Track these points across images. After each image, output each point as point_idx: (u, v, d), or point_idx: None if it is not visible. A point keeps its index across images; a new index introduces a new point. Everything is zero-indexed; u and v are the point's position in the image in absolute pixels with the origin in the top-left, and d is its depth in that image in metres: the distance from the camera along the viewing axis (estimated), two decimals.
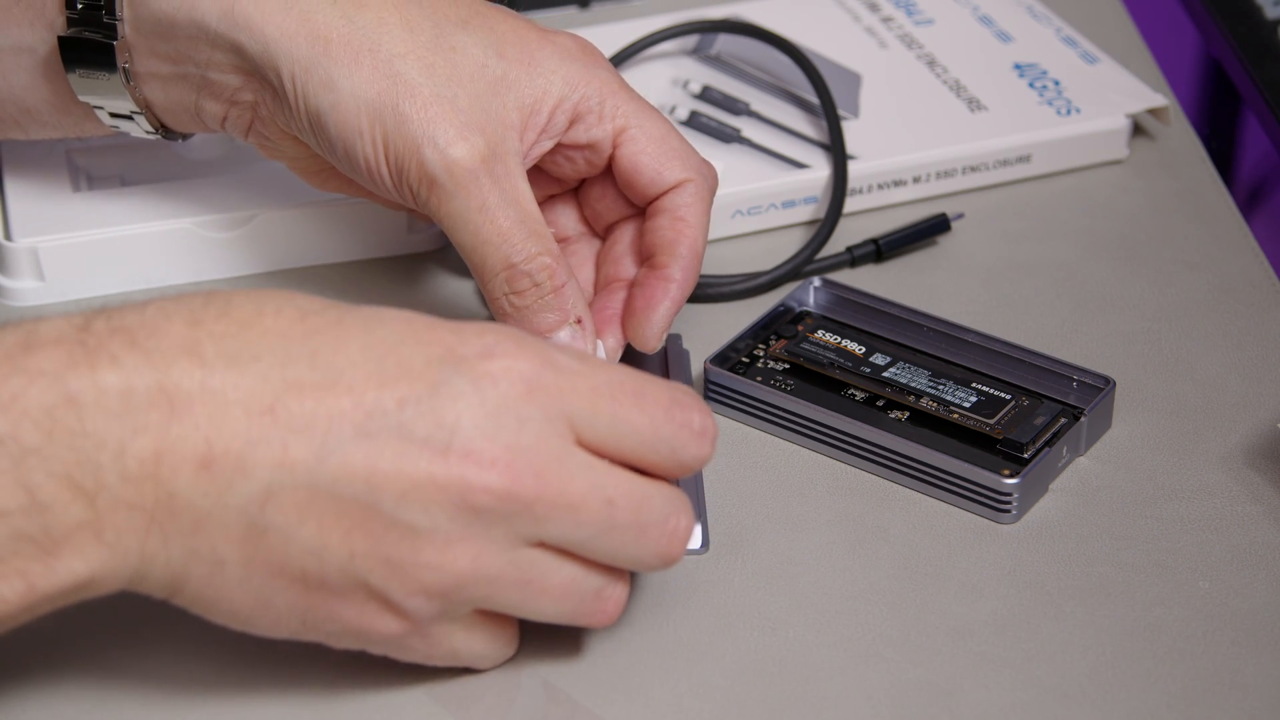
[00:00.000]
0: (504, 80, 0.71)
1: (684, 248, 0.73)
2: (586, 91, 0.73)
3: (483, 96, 0.71)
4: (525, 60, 0.72)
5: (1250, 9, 0.96)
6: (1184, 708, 0.63)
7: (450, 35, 0.71)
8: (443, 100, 0.70)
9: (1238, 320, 0.79)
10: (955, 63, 0.92)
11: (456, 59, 0.71)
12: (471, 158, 0.70)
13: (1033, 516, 0.70)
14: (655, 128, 0.74)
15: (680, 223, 0.73)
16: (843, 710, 0.63)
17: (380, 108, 0.70)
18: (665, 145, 0.74)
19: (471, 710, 0.63)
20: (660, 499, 0.61)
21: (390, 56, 0.70)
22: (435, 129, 0.70)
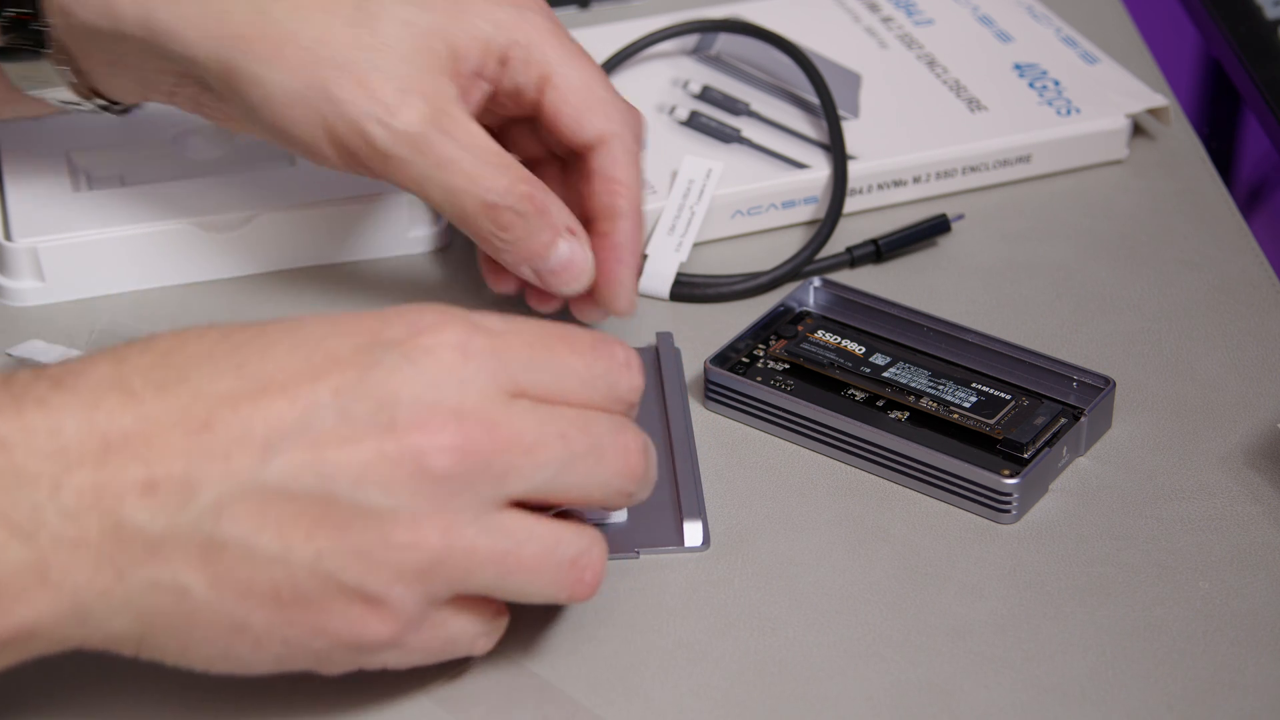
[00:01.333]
0: (431, 31, 0.71)
1: (623, 208, 0.73)
2: (514, 36, 0.72)
3: (413, 55, 0.70)
4: (451, 7, 0.71)
5: (1250, 9, 0.96)
6: (1184, 708, 0.63)
7: (370, 2, 0.71)
8: (373, 74, 0.70)
9: (1238, 320, 0.79)
10: (955, 63, 0.92)
11: (379, 25, 0.70)
12: (416, 122, 0.70)
13: (1033, 516, 0.70)
14: (580, 77, 0.73)
15: (613, 183, 0.73)
16: (843, 710, 0.63)
17: (311, 97, 0.70)
18: (588, 96, 0.73)
19: (471, 711, 0.63)
20: (607, 421, 0.61)
21: (311, 43, 0.70)
22: (372, 106, 0.70)
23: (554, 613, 0.66)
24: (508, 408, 0.59)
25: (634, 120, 0.74)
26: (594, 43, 0.92)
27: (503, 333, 0.60)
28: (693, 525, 0.69)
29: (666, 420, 0.73)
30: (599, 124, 0.73)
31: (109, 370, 0.58)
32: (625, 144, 0.73)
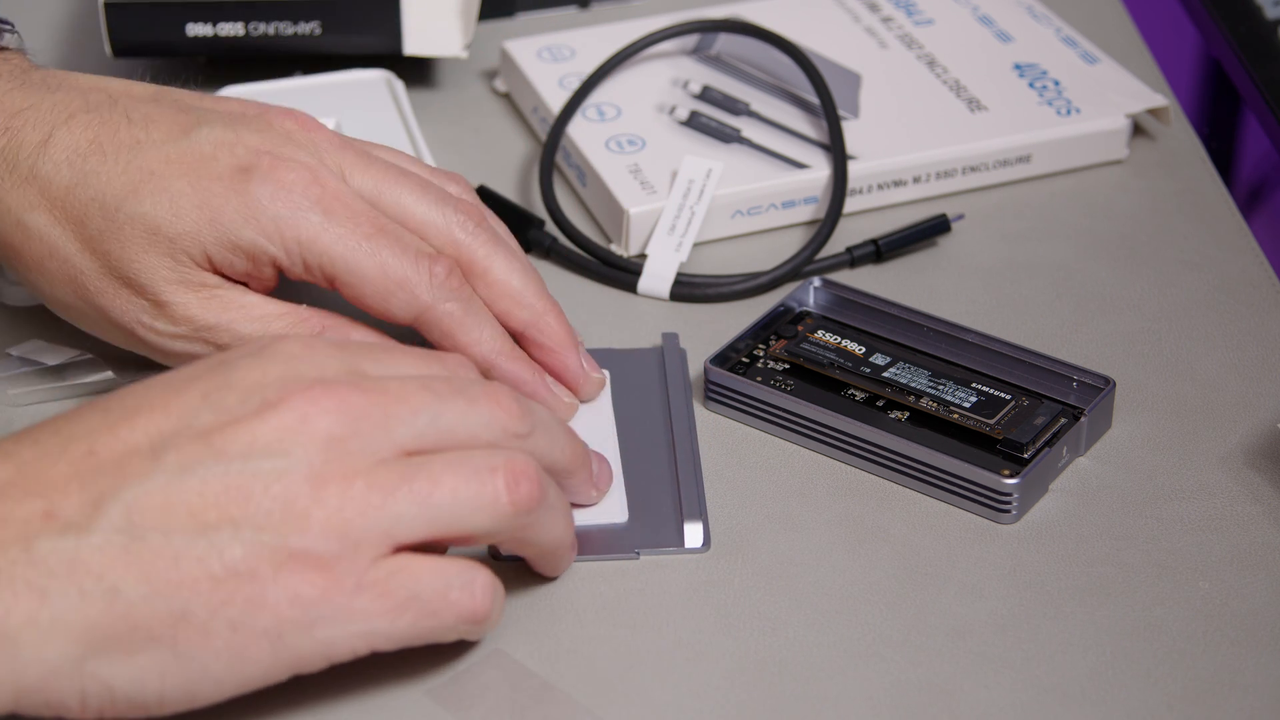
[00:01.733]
0: (181, 238, 0.69)
1: (481, 364, 0.71)
2: (280, 246, 0.69)
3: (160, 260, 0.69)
4: (207, 218, 0.69)
5: (1250, 9, 0.96)
6: (1184, 708, 0.63)
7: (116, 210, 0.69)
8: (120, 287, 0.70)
9: (1238, 320, 0.79)
10: (955, 63, 0.92)
11: (124, 235, 0.69)
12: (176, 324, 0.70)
13: (1033, 516, 0.70)
14: (366, 267, 0.69)
15: (459, 348, 0.71)
16: (843, 710, 0.63)
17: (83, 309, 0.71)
18: (384, 283, 0.69)
19: (471, 710, 0.63)
20: (456, 367, 0.64)
21: (67, 255, 0.70)
22: (136, 310, 0.70)
23: (554, 613, 0.66)
24: (367, 375, 0.62)
25: (442, 277, 0.70)
26: (594, 43, 0.92)
27: (343, 340, 0.64)
28: (693, 526, 0.69)
29: (669, 421, 0.73)
30: (405, 309, 0.70)
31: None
32: (441, 314, 0.70)
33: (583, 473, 0.67)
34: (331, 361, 0.61)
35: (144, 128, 0.70)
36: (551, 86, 0.90)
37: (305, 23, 0.91)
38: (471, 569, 0.61)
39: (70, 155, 0.70)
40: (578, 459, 0.66)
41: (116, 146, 0.70)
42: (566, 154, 0.87)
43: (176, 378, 0.61)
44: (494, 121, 0.92)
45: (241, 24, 0.91)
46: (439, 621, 0.61)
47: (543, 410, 0.64)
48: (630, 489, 0.70)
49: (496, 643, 0.65)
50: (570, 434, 0.66)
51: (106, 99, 0.71)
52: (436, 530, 0.60)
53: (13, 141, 0.70)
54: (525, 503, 0.61)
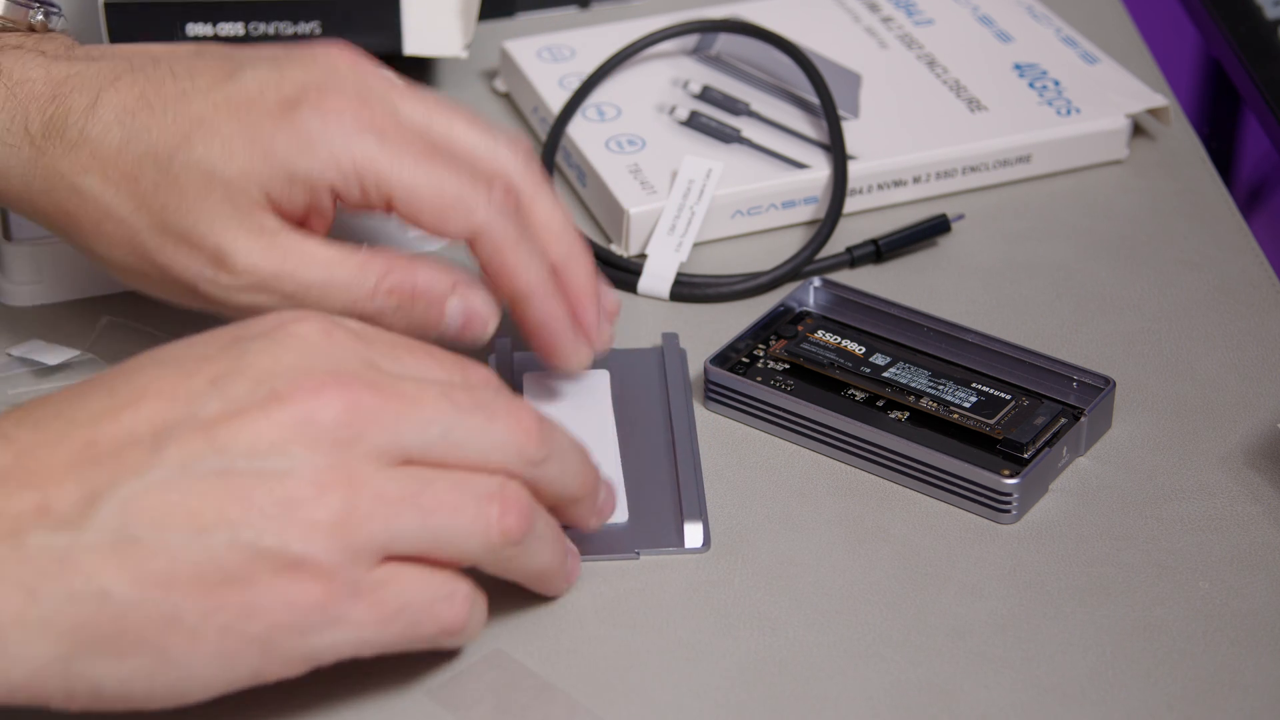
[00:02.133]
0: (238, 179, 0.68)
1: (523, 290, 0.69)
2: (337, 173, 0.68)
3: (219, 206, 0.68)
4: (260, 148, 0.68)
5: (1250, 9, 0.96)
6: (1184, 708, 0.63)
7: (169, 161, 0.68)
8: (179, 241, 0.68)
9: (1238, 320, 0.79)
10: (955, 63, 0.92)
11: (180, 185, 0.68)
12: (245, 269, 0.68)
13: (1033, 516, 0.70)
14: (425, 182, 0.68)
15: (500, 272, 0.69)
16: (843, 710, 0.63)
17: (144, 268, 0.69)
18: (438, 201, 0.68)
19: (471, 710, 0.63)
20: (481, 381, 0.62)
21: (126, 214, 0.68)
22: (198, 265, 0.68)
23: (554, 613, 0.66)
24: (383, 374, 0.60)
25: (500, 197, 0.69)
26: (594, 43, 0.92)
27: (364, 331, 0.62)
28: (693, 526, 0.69)
29: (670, 421, 0.73)
30: (459, 226, 0.68)
31: None
32: (496, 231, 0.69)
33: (589, 501, 0.66)
34: (348, 354, 0.60)
35: (189, 79, 0.69)
36: (551, 86, 0.90)
37: (305, 23, 0.91)
38: (454, 580, 0.61)
39: (118, 114, 0.69)
40: (587, 487, 0.65)
41: (163, 100, 0.69)
42: (566, 154, 0.87)
43: (188, 356, 0.60)
44: (494, 121, 0.92)
45: (241, 24, 0.90)
46: (421, 631, 0.60)
47: (562, 436, 0.63)
48: (630, 489, 0.70)
49: (496, 643, 0.65)
50: (584, 460, 0.65)
51: (150, 59, 0.70)
52: (431, 548, 0.60)
53: (61, 108, 0.69)
54: (513, 533, 0.61)
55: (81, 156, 0.69)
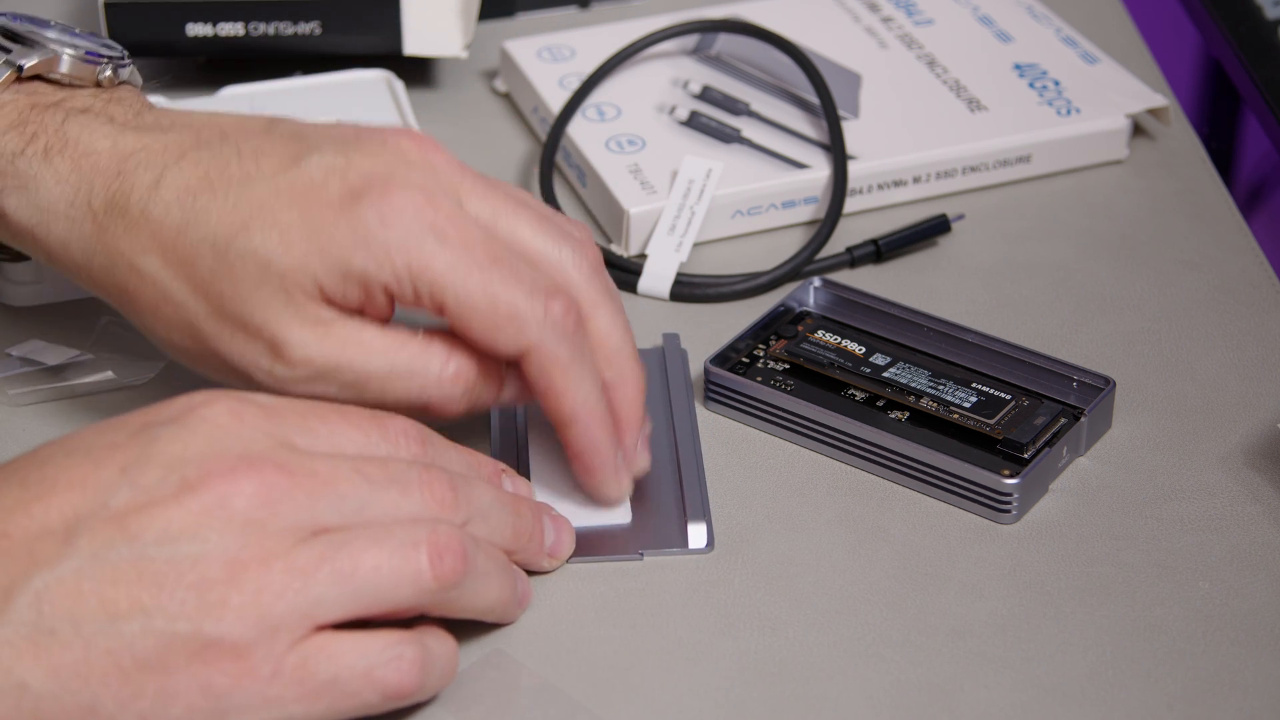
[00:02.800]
0: (292, 271, 0.66)
1: (567, 415, 0.67)
2: (391, 274, 0.65)
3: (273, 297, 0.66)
4: (317, 247, 0.65)
5: (1250, 9, 0.96)
6: (1184, 708, 0.63)
7: (226, 249, 0.66)
8: (235, 330, 0.66)
9: (1238, 320, 0.79)
10: (955, 63, 0.92)
11: (236, 274, 0.66)
12: (301, 359, 0.66)
13: (1033, 517, 0.70)
14: (480, 293, 0.65)
15: (547, 394, 0.67)
16: (843, 710, 0.63)
17: (201, 353, 0.68)
18: (492, 314, 0.65)
19: (471, 710, 0.62)
20: (401, 462, 0.61)
21: (182, 299, 0.67)
22: (254, 354, 0.66)
23: (554, 613, 0.66)
24: (294, 454, 0.59)
25: (557, 315, 0.66)
26: (594, 43, 0.92)
27: (274, 404, 0.61)
28: (696, 527, 0.69)
29: (672, 422, 0.73)
30: (510, 342, 0.66)
31: None
32: (548, 352, 0.66)
33: (530, 547, 0.65)
34: (259, 434, 0.59)
35: (254, 160, 0.67)
36: (551, 86, 0.90)
37: (305, 23, 0.91)
38: (398, 643, 0.60)
39: (180, 194, 0.67)
40: (521, 538, 0.64)
41: (227, 182, 0.66)
42: (566, 154, 0.87)
43: (97, 444, 0.59)
44: (494, 121, 0.92)
45: (241, 24, 0.91)
46: (360, 700, 0.59)
47: (482, 494, 0.63)
48: (634, 490, 0.70)
49: (496, 643, 0.65)
50: (513, 513, 0.64)
51: (218, 134, 0.68)
52: (359, 609, 0.59)
53: (124, 185, 0.67)
54: (449, 578, 0.60)
55: (142, 237, 0.67)
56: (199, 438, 0.59)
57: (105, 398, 0.75)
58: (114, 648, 0.56)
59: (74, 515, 0.57)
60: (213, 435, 0.59)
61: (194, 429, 0.59)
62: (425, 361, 0.66)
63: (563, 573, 0.67)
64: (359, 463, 0.60)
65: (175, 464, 0.58)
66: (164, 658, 0.56)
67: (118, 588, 0.56)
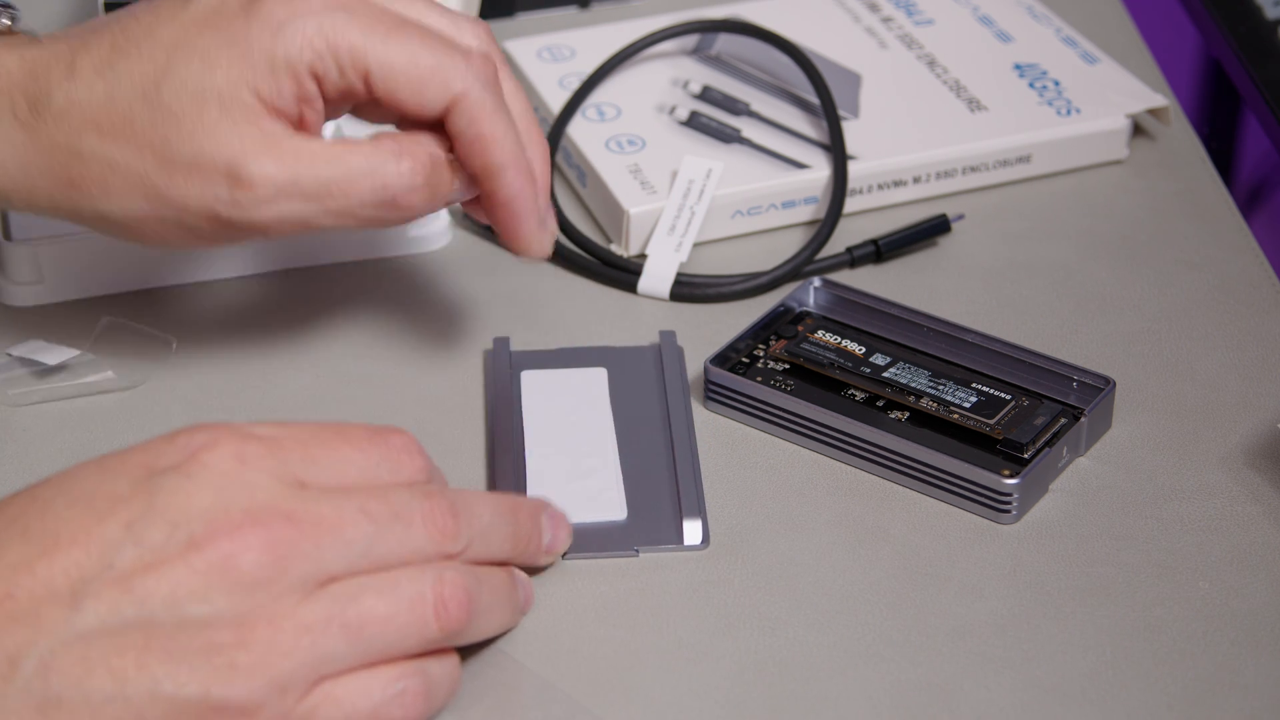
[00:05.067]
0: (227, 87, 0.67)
1: (498, 161, 0.70)
2: (315, 47, 0.68)
3: (219, 120, 0.67)
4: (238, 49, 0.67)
5: (1250, 9, 0.96)
6: (1184, 708, 0.63)
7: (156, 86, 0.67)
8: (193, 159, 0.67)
9: (1238, 320, 0.79)
10: (955, 63, 0.92)
11: (166, 104, 0.67)
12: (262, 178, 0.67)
13: (1033, 517, 0.70)
14: (400, 54, 0.68)
15: (476, 142, 0.69)
16: (843, 710, 0.63)
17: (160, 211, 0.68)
18: (414, 71, 0.68)
19: (471, 710, 0.62)
20: (403, 491, 0.61)
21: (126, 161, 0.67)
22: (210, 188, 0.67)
23: (554, 613, 0.66)
24: (301, 499, 0.59)
25: (479, 63, 0.69)
26: (594, 43, 0.92)
27: (276, 437, 0.60)
28: (692, 524, 0.69)
29: (668, 419, 0.73)
30: (437, 95, 0.69)
31: None
32: (474, 99, 0.69)
33: (529, 550, 0.66)
34: (263, 477, 0.59)
35: (150, 14, 0.69)
36: (551, 86, 0.90)
37: None
38: (400, 678, 0.60)
39: (96, 68, 0.68)
40: (520, 544, 0.65)
41: (133, 41, 0.68)
42: (566, 154, 0.87)
43: (99, 493, 0.58)
44: None
45: None
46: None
47: (481, 511, 0.63)
48: (629, 487, 0.71)
49: (496, 643, 0.65)
50: (511, 522, 0.64)
51: (110, 17, 0.70)
52: (366, 659, 0.59)
53: (41, 84, 0.68)
54: (455, 626, 0.60)
55: (73, 121, 0.68)
56: (204, 489, 0.58)
57: (105, 398, 0.75)
58: (121, 714, 0.56)
59: (79, 576, 0.56)
60: (218, 486, 0.58)
61: (198, 479, 0.58)
62: (379, 158, 0.68)
63: (563, 573, 0.67)
64: (363, 499, 0.60)
65: (181, 520, 0.57)
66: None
67: (125, 656, 0.56)
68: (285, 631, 0.57)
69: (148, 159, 0.67)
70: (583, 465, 0.72)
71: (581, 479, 0.71)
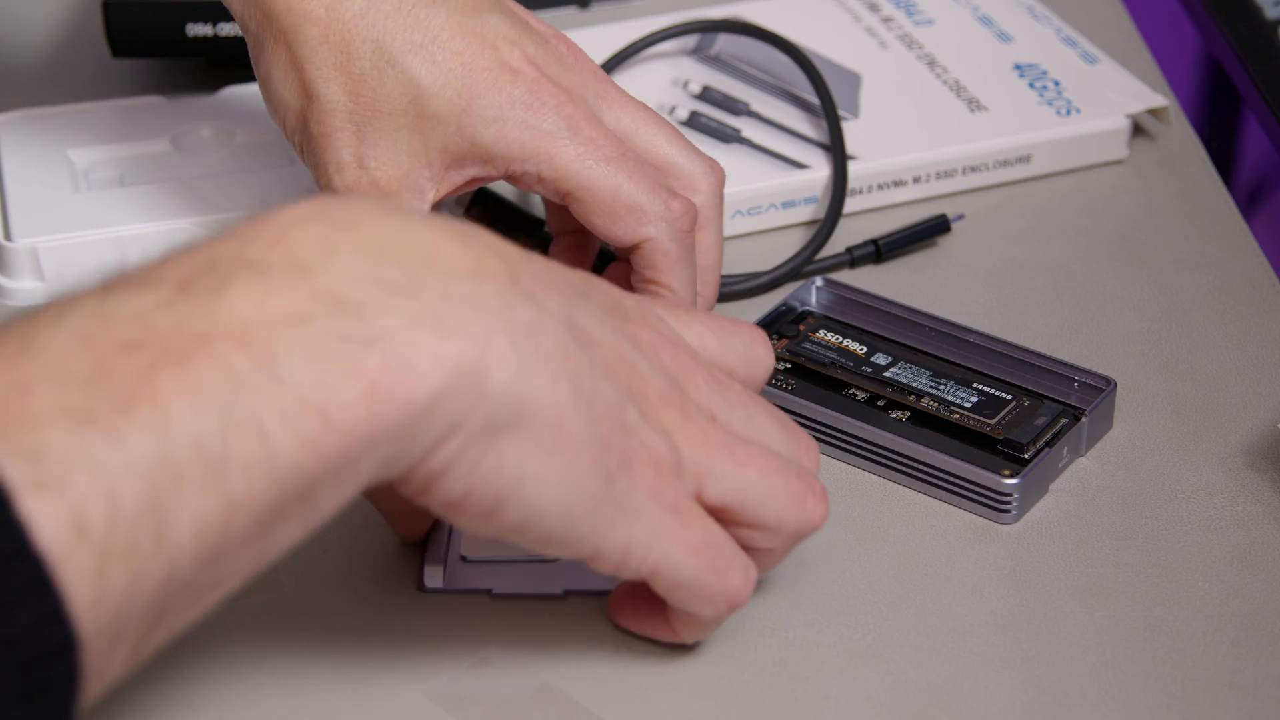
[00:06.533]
0: (430, 119, 0.69)
1: None
2: (520, 154, 0.70)
3: (399, 132, 0.70)
4: (461, 105, 0.69)
5: (1250, 9, 0.96)
6: (1184, 708, 0.63)
7: (390, 62, 0.69)
8: (348, 129, 0.70)
9: (1238, 320, 0.79)
10: (955, 63, 0.92)
11: (385, 89, 0.69)
12: (352, 191, 0.70)
13: (1033, 517, 0.70)
14: (602, 186, 0.70)
15: (651, 286, 0.71)
16: (843, 710, 0.63)
17: (298, 120, 0.71)
18: (615, 205, 0.70)
19: (471, 710, 0.63)
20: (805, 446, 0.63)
21: (316, 78, 0.70)
22: (331, 155, 0.70)
23: (554, 613, 0.66)
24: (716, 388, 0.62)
25: (680, 208, 0.71)
26: (594, 43, 0.92)
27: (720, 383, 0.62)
28: None
29: None
30: (628, 232, 0.71)
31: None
32: (661, 248, 0.71)
33: None
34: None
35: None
36: None
37: None
38: (746, 555, 0.60)
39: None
40: None
41: (414, 1, 0.70)
42: None
43: None
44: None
45: None
46: (713, 583, 0.59)
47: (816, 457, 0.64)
48: None
49: (497, 643, 0.65)
50: None
51: None
52: (733, 501, 0.59)
53: None
54: (815, 519, 0.61)
55: (319, 3, 0.69)
56: None
57: None
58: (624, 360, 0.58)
59: None
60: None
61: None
62: None
63: None
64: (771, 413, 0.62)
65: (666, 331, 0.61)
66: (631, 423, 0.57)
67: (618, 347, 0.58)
68: (691, 425, 0.59)
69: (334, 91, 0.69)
70: None
71: None
